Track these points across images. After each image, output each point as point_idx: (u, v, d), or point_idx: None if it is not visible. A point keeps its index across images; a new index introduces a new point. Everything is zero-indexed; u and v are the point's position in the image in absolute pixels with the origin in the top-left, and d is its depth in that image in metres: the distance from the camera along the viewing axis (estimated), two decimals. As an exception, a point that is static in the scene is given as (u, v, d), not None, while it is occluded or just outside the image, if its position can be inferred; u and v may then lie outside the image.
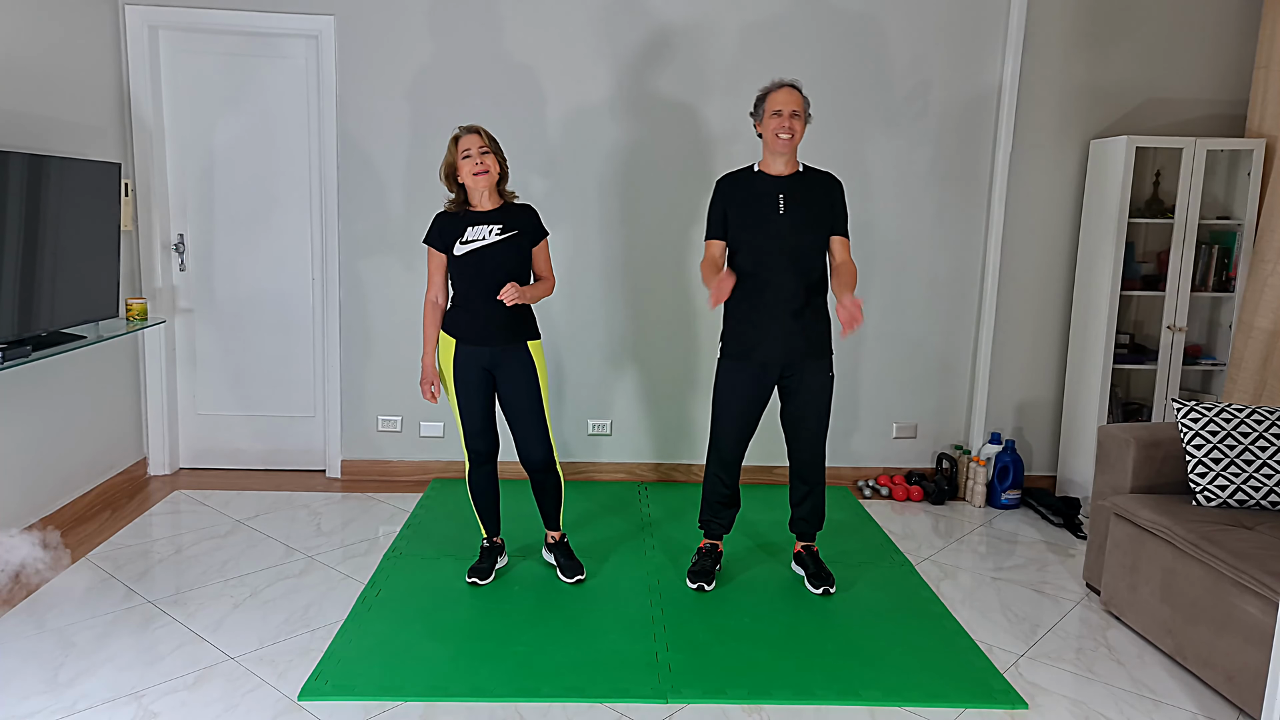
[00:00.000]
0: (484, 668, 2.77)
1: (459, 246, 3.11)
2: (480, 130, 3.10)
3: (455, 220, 3.15)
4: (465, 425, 3.24)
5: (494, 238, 3.11)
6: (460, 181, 3.13)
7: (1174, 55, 4.32)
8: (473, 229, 3.12)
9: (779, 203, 3.13)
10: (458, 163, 3.09)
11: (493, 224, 3.13)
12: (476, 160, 3.06)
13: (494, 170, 3.09)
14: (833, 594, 3.34)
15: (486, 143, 3.08)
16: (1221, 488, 3.04)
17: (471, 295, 3.14)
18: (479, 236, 3.11)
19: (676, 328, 4.45)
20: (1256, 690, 2.56)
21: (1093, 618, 3.27)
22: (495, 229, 3.12)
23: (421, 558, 3.56)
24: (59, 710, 2.51)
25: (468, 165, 3.07)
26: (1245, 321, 3.97)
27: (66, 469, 3.78)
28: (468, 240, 3.11)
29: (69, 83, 3.73)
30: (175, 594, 3.21)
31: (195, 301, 4.42)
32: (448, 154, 3.11)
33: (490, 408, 3.25)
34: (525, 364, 3.18)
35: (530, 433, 3.21)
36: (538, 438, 3.22)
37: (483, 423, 3.24)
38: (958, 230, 4.44)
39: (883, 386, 4.55)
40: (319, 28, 4.15)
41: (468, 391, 3.20)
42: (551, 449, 3.26)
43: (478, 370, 3.18)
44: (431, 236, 3.17)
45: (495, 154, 3.11)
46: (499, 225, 3.13)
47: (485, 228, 3.12)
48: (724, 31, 4.23)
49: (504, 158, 3.16)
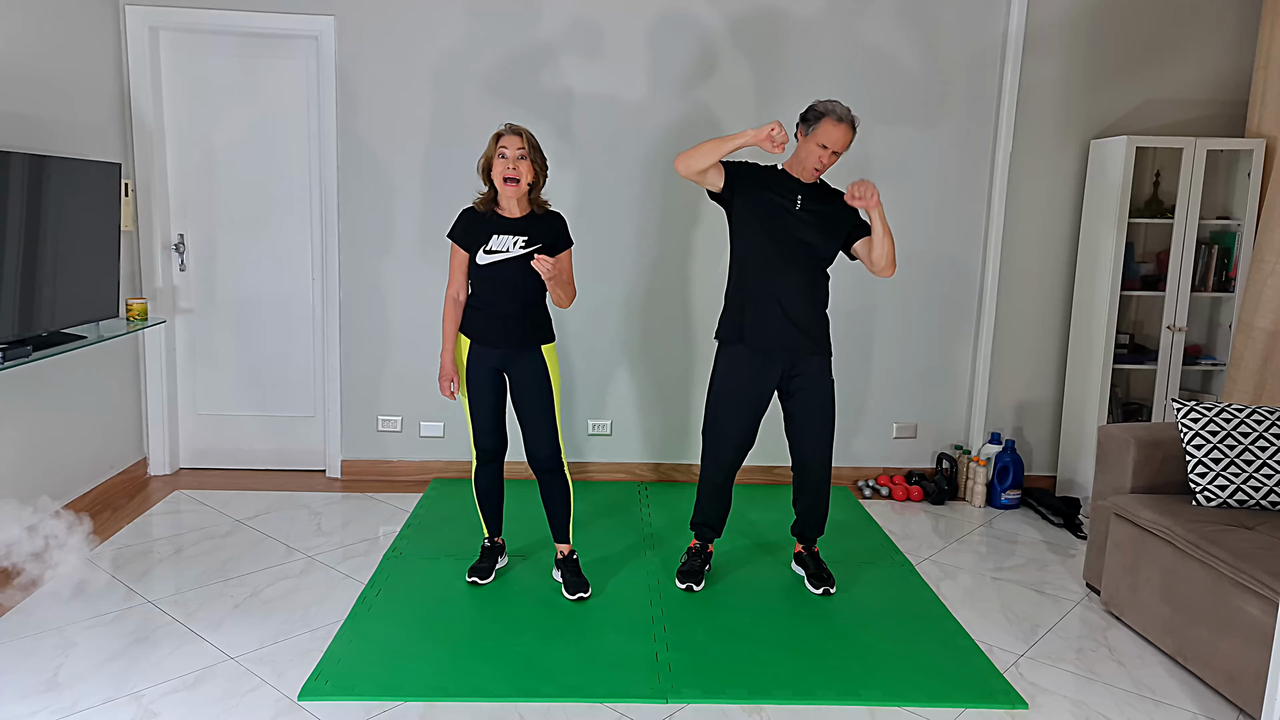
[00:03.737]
0: (484, 668, 2.77)
1: (482, 255, 3.07)
2: (523, 133, 3.01)
3: (482, 222, 3.09)
4: (475, 423, 3.23)
5: (517, 250, 3.06)
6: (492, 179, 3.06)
7: (1174, 55, 4.32)
8: (498, 238, 3.07)
9: (796, 200, 3.15)
10: (494, 160, 3.02)
11: (518, 235, 3.07)
12: (510, 165, 2.98)
13: (526, 179, 3.01)
14: (833, 594, 3.34)
15: (526, 147, 3.00)
16: (1222, 488, 3.04)
17: (489, 301, 3.11)
18: (503, 248, 3.06)
19: (677, 328, 4.45)
20: (1257, 691, 2.56)
21: (1093, 618, 3.27)
22: (520, 241, 3.07)
23: (421, 558, 3.56)
24: (59, 710, 2.51)
25: (500, 167, 3.00)
26: (1245, 321, 3.97)
27: (66, 469, 3.78)
28: (492, 250, 3.06)
29: (69, 83, 3.73)
30: (175, 594, 3.21)
31: (195, 301, 4.42)
32: (488, 148, 3.04)
33: (500, 407, 3.24)
34: (538, 366, 3.16)
35: (539, 433, 3.20)
36: (546, 439, 3.21)
37: (492, 421, 3.23)
38: (958, 230, 4.44)
39: (883, 386, 4.55)
40: (319, 28, 4.15)
41: (479, 390, 3.18)
42: (559, 450, 3.24)
43: (490, 369, 3.17)
44: (456, 233, 3.12)
45: (533, 161, 3.01)
46: (524, 237, 3.07)
47: (510, 239, 3.07)
48: (726, 30, 4.23)
49: (544, 164, 3.07)
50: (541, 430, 3.20)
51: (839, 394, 4.51)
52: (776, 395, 3.33)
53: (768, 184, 3.16)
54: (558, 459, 3.24)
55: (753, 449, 3.59)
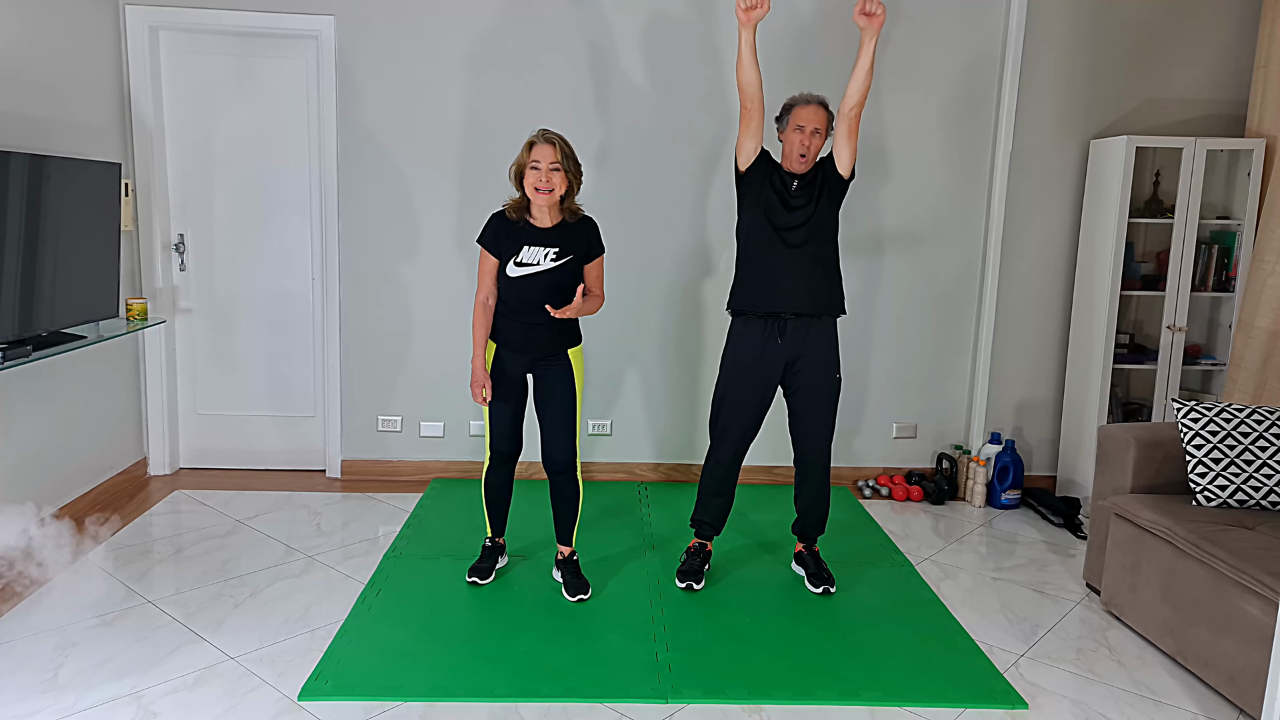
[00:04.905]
0: (484, 668, 2.77)
1: (513, 267, 3.04)
2: (557, 143, 2.96)
3: (512, 231, 3.05)
4: (493, 425, 3.22)
5: (547, 264, 3.03)
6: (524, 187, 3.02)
7: (1174, 55, 4.32)
8: (528, 250, 3.03)
9: (793, 183, 3.23)
10: (526, 169, 2.99)
11: (549, 247, 3.04)
12: (544, 176, 2.95)
13: (559, 190, 2.98)
14: (833, 594, 3.34)
15: (559, 159, 2.95)
16: (1222, 488, 3.04)
17: (518, 309, 3.09)
18: (534, 260, 3.03)
19: (678, 328, 4.45)
20: (1257, 691, 2.56)
21: (1093, 618, 3.27)
22: (551, 253, 3.03)
23: (421, 558, 3.56)
24: (59, 710, 2.51)
25: (533, 177, 2.96)
26: (1245, 321, 3.97)
27: (66, 469, 3.78)
28: (523, 262, 3.03)
29: (69, 83, 3.73)
30: (175, 594, 3.21)
31: (195, 301, 4.42)
32: (520, 155, 3.00)
33: (520, 411, 3.23)
34: (564, 370, 3.15)
35: (558, 436, 3.19)
36: (564, 441, 3.20)
37: (511, 425, 3.22)
38: (958, 230, 4.44)
39: (883, 386, 4.55)
40: (319, 28, 4.15)
41: (501, 393, 3.17)
42: (575, 454, 3.23)
43: (515, 374, 3.16)
44: (486, 239, 3.08)
45: (566, 171, 2.97)
46: (555, 249, 3.04)
47: (541, 250, 3.03)
48: (726, 33, 4.23)
49: (578, 173, 3.03)
50: (561, 433, 3.19)
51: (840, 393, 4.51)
52: (781, 390, 3.35)
53: (772, 176, 3.24)
54: (573, 462, 3.24)
55: (754, 449, 3.63)
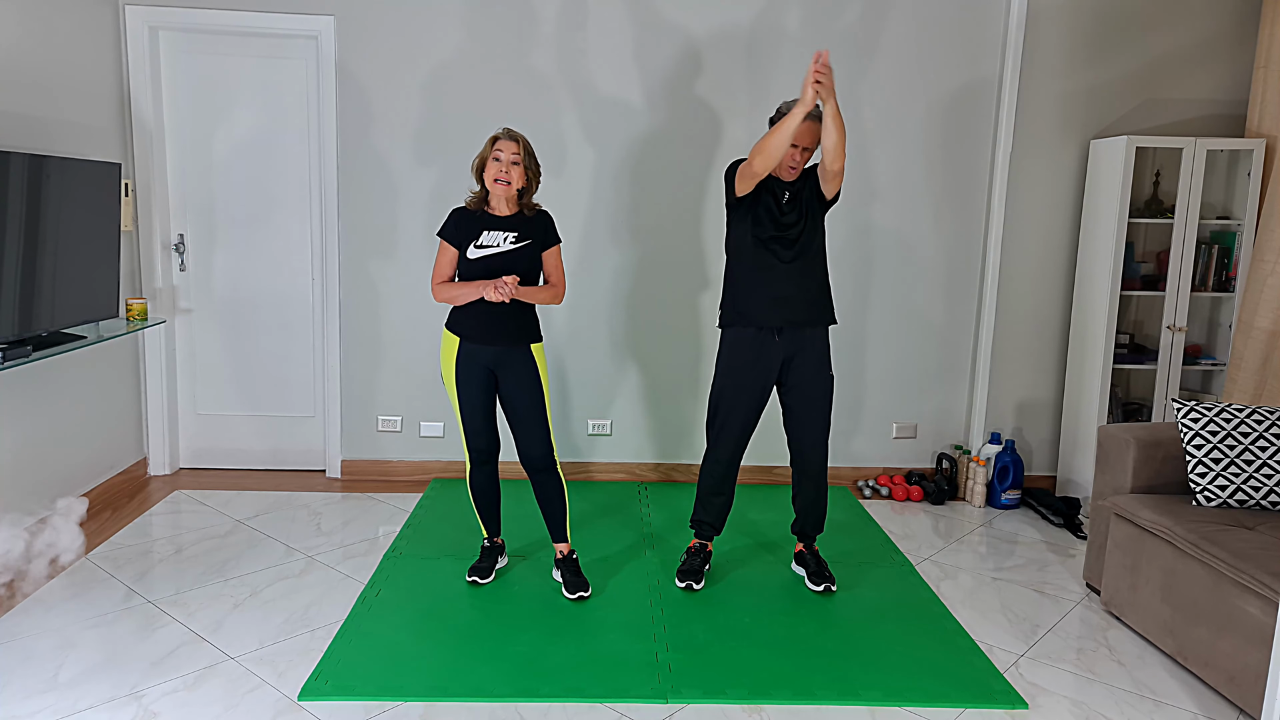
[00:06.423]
0: (484, 668, 2.77)
1: (472, 250, 3.13)
2: (520, 139, 3.08)
3: (471, 220, 3.16)
4: (466, 424, 3.24)
5: (507, 245, 3.13)
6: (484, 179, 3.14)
7: (1174, 55, 4.32)
8: (487, 234, 3.13)
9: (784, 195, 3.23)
10: (488, 162, 3.10)
11: (508, 231, 3.14)
12: (504, 168, 3.07)
13: (516, 183, 3.10)
14: (833, 593, 3.34)
15: (520, 154, 3.08)
16: (1222, 488, 3.04)
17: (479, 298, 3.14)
18: (493, 243, 3.13)
19: (677, 328, 4.45)
20: (1257, 691, 2.56)
21: (1093, 618, 3.27)
22: (510, 236, 3.14)
23: (421, 558, 3.56)
24: (59, 710, 2.51)
25: (493, 169, 3.08)
26: (1245, 321, 3.97)
27: (66, 469, 3.78)
28: (482, 245, 3.12)
29: (69, 83, 3.73)
30: (175, 594, 3.21)
31: (195, 301, 4.42)
32: (483, 149, 3.12)
33: (491, 407, 3.25)
34: (527, 365, 3.19)
35: (530, 433, 3.21)
36: (538, 438, 3.22)
37: (483, 422, 3.24)
38: (958, 230, 4.44)
39: (882, 386, 4.55)
40: (319, 28, 4.15)
41: (469, 390, 3.20)
42: (552, 449, 3.25)
43: (480, 369, 3.18)
44: (447, 231, 3.17)
45: (526, 167, 3.10)
46: (514, 233, 3.14)
47: (500, 234, 3.14)
48: (726, 34, 4.23)
49: (537, 172, 3.14)
50: (534, 430, 3.21)
51: (840, 393, 4.51)
52: (776, 390, 3.35)
53: (763, 190, 3.24)
54: (551, 458, 3.25)
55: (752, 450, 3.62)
